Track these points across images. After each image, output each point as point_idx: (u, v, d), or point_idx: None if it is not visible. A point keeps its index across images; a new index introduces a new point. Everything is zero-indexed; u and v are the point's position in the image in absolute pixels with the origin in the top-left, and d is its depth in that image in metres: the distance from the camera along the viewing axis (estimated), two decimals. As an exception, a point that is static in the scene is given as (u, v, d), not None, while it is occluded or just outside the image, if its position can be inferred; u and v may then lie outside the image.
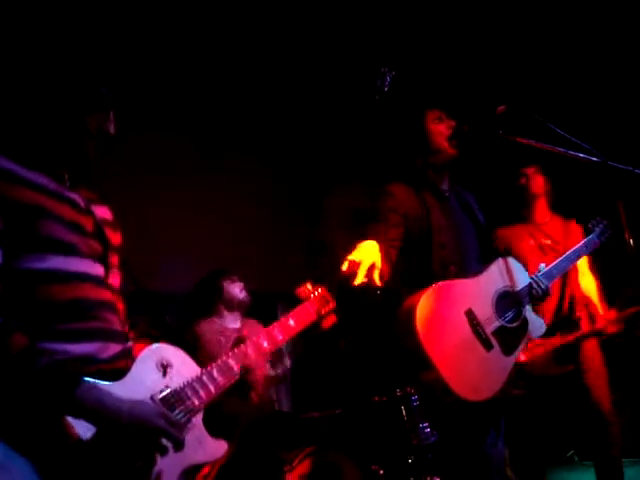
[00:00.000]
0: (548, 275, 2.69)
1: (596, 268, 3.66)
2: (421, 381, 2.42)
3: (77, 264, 1.65)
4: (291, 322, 2.13)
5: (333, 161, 5.35)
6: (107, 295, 1.72)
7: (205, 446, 1.75)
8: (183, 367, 1.77)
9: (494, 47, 4.77)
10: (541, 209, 3.72)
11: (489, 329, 2.43)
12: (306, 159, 5.36)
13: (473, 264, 2.59)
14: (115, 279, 1.80)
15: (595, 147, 2.41)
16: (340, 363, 4.65)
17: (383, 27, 4.69)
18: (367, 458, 3.82)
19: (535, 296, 2.58)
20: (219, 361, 1.87)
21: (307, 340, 4.77)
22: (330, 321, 2.27)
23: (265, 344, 2.03)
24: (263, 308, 4.62)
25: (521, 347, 2.53)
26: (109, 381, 1.59)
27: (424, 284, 2.40)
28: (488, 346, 2.41)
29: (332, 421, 3.98)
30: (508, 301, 2.53)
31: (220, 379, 1.82)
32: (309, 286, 2.30)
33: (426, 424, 3.93)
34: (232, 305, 3.98)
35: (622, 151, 2.60)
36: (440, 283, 2.42)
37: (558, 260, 2.85)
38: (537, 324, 2.61)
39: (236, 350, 1.93)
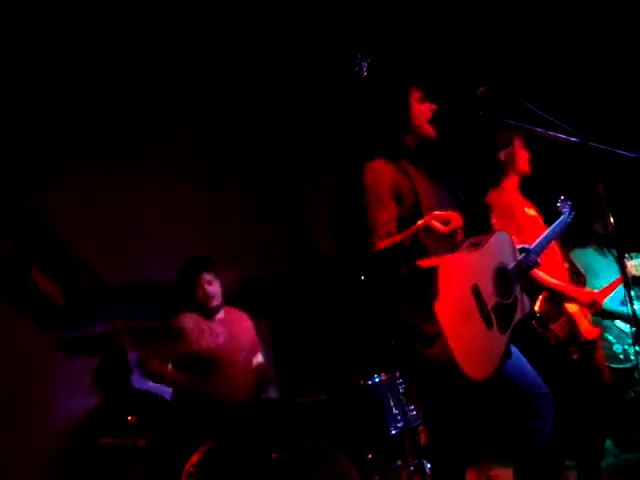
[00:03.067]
0: (536, 250, 2.76)
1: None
2: (424, 356, 2.33)
3: None
4: None
5: (315, 150, 5.34)
6: None
7: None
8: None
9: (474, 29, 4.76)
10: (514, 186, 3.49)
11: (490, 305, 2.41)
12: (288, 149, 5.34)
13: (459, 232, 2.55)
14: None
15: (576, 129, 2.41)
16: (326, 349, 4.66)
17: (361, 12, 4.68)
18: (355, 443, 3.84)
19: (525, 269, 2.61)
20: None
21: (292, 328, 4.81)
22: None
23: None
24: (254, 296, 4.65)
25: (513, 324, 2.51)
26: None
27: (420, 251, 2.30)
28: (489, 323, 2.39)
29: (318, 407, 3.99)
30: (504, 277, 2.51)
31: None
32: None
33: (412, 407, 3.97)
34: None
35: (603, 132, 2.60)
36: (449, 256, 2.33)
37: (539, 239, 2.90)
38: (525, 300, 2.61)
39: None
